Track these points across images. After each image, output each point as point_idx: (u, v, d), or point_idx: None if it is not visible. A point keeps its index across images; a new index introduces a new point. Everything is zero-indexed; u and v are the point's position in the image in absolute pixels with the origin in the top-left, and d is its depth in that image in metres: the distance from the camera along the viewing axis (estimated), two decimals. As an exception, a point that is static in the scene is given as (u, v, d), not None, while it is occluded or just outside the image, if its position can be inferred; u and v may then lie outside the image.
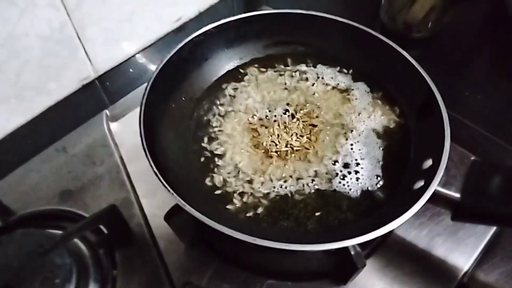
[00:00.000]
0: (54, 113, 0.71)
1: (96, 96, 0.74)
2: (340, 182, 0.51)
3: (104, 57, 0.75)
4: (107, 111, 0.69)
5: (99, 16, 0.70)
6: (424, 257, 0.54)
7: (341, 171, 0.52)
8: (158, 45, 0.80)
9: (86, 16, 0.68)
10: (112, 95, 0.74)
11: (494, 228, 0.55)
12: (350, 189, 0.50)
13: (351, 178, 0.51)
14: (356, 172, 0.52)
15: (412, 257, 0.54)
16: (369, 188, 0.50)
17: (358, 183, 0.51)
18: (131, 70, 0.78)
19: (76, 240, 0.56)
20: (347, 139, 0.55)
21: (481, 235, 0.54)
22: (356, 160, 0.53)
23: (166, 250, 0.55)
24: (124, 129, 0.67)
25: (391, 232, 0.55)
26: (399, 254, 0.54)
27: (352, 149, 0.53)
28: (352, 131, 0.56)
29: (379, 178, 0.51)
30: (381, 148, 0.54)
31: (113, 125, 0.68)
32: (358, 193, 0.50)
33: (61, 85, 0.71)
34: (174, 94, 0.57)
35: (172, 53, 0.55)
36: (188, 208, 0.41)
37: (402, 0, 0.72)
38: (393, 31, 0.60)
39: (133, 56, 0.79)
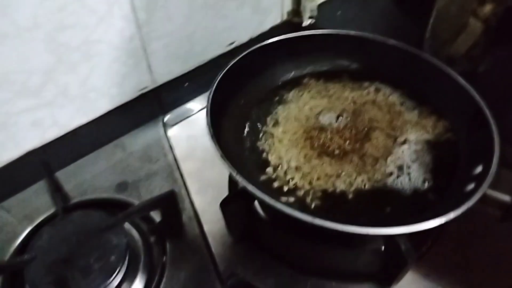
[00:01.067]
0: (113, 116, 0.76)
1: (152, 104, 0.79)
2: (393, 181, 0.53)
3: (163, 71, 0.81)
4: (163, 117, 0.74)
5: (164, 32, 0.76)
6: (469, 269, 0.54)
7: (394, 172, 0.55)
8: (210, 64, 0.86)
9: (153, 30, 0.75)
10: (167, 105, 0.79)
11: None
12: (403, 188, 0.53)
13: (403, 178, 0.54)
14: (408, 173, 0.54)
15: (456, 267, 0.54)
16: (420, 189, 0.53)
17: (410, 183, 0.53)
18: (186, 84, 0.83)
19: (130, 227, 0.59)
20: (398, 147, 0.58)
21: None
22: (407, 164, 0.55)
23: (214, 243, 0.57)
24: (178, 134, 0.72)
25: (436, 239, 0.56)
26: (443, 264, 0.55)
27: (403, 153, 0.56)
28: (403, 141, 0.59)
29: (430, 181, 0.54)
30: (431, 156, 0.57)
31: (168, 130, 0.72)
32: (410, 193, 0.52)
33: (122, 92, 0.77)
34: (235, 96, 0.61)
35: (235, 60, 0.60)
36: (250, 187, 0.44)
37: (446, 34, 0.77)
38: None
39: (189, 72, 0.85)
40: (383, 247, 0.50)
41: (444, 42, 0.79)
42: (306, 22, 0.93)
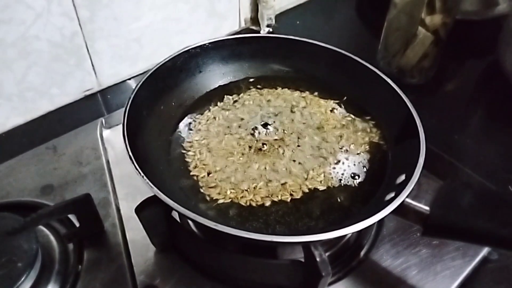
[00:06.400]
0: (52, 117, 0.74)
1: (95, 106, 0.77)
2: (318, 190, 0.52)
3: (109, 72, 0.78)
4: (102, 119, 0.71)
5: (109, 32, 0.74)
6: (397, 286, 0.52)
7: (321, 181, 0.53)
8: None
9: (97, 30, 0.72)
10: (111, 107, 0.76)
11: (472, 264, 0.53)
12: (326, 196, 0.51)
13: (330, 187, 0.53)
14: (337, 181, 0.53)
15: (384, 285, 0.52)
16: (344, 200, 0.51)
17: (335, 192, 0.52)
18: (133, 87, 0.81)
19: (48, 233, 0.56)
20: (329, 155, 0.56)
21: (458, 270, 0.52)
22: (336, 172, 0.54)
23: (135, 252, 0.54)
24: (115, 136, 0.69)
25: (365, 258, 0.54)
26: (371, 280, 0.52)
27: (333, 162, 0.55)
28: (333, 150, 0.57)
29: (356, 191, 0.53)
30: (361, 165, 0.55)
31: (106, 132, 0.70)
32: (334, 203, 0.51)
33: (64, 92, 0.74)
34: (165, 97, 0.59)
35: (166, 59, 0.58)
36: (163, 197, 0.42)
37: (397, 44, 0.76)
38: (388, 75, 0.63)
39: (138, 75, 0.82)
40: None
41: (395, 53, 0.78)
42: (264, 31, 0.92)
